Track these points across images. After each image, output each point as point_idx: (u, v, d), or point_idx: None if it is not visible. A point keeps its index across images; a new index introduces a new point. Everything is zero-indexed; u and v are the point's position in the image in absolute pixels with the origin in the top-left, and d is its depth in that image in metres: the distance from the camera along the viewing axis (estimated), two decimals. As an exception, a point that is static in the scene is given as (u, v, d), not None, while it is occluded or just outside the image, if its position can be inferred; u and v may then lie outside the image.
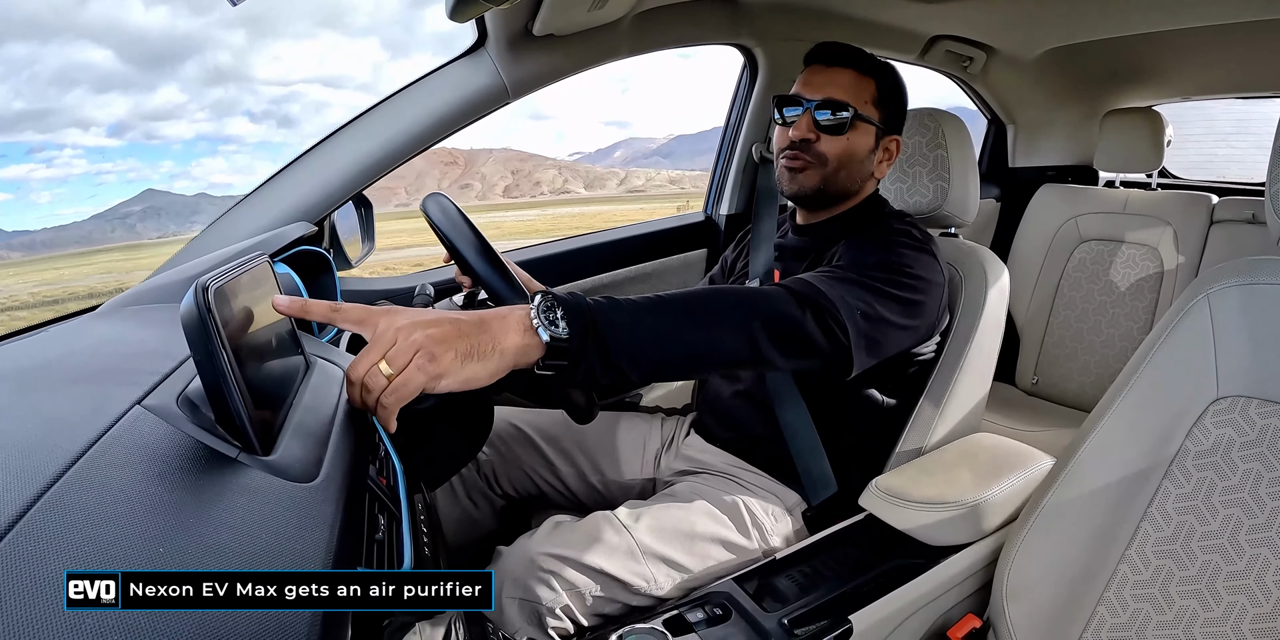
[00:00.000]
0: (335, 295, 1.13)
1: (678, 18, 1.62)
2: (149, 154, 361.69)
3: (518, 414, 1.44)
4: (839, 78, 1.19)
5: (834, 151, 1.18)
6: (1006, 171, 2.70)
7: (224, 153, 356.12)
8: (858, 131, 1.18)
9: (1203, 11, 1.75)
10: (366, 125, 1.37)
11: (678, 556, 1.10)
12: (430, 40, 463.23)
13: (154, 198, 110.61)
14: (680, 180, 61.74)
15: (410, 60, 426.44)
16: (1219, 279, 0.87)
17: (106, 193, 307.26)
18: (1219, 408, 0.84)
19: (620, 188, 55.83)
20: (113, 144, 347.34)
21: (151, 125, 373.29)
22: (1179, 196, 2.26)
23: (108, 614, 0.33)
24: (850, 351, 0.96)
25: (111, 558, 0.37)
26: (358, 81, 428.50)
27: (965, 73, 2.32)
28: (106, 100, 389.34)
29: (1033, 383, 2.48)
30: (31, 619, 0.31)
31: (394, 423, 0.66)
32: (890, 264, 1.07)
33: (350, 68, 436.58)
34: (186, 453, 0.49)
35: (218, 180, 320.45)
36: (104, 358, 0.70)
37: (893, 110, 1.22)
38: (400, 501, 0.75)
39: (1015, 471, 1.10)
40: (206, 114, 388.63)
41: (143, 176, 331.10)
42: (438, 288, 1.49)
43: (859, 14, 1.86)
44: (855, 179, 1.22)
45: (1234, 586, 0.80)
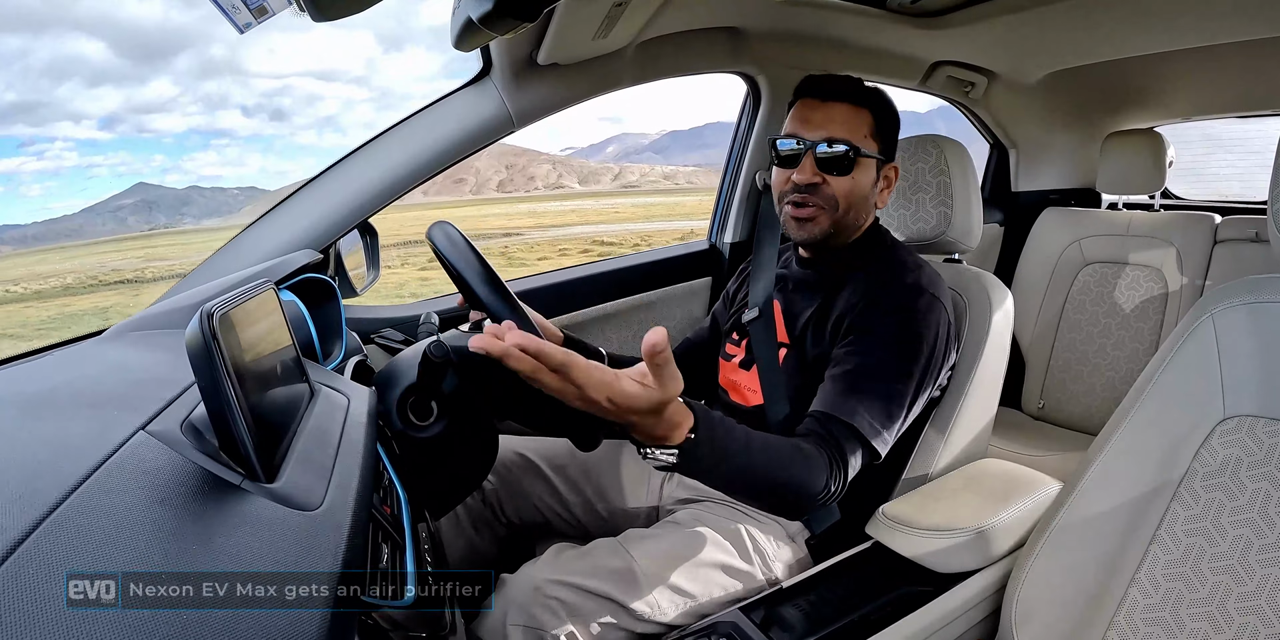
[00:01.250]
0: (341, 323, 1.14)
1: (680, 47, 1.64)
2: (140, 147, 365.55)
3: (522, 442, 1.43)
4: (835, 113, 1.17)
5: (842, 192, 1.17)
6: (1009, 195, 2.71)
7: (215, 146, 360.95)
8: (861, 168, 1.18)
9: (1201, 32, 1.77)
10: (372, 154, 1.38)
11: (682, 583, 1.09)
12: (424, 34, 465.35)
13: (145, 191, 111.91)
14: (674, 176, 62.00)
15: (403, 53, 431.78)
16: (1223, 299, 0.87)
17: (97, 186, 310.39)
18: (1226, 427, 0.84)
19: (615, 183, 55.99)
20: (104, 137, 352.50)
21: (143, 118, 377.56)
22: (1182, 217, 2.26)
23: (110, 628, 0.33)
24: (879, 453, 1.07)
25: (112, 584, 0.37)
26: (351, 75, 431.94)
27: (967, 98, 2.33)
28: (99, 93, 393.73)
29: (1039, 407, 2.47)
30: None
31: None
32: (907, 338, 1.11)
33: (343, 61, 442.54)
34: (190, 479, 0.49)
35: (208, 173, 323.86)
36: (108, 383, 0.70)
37: (889, 139, 1.22)
38: (404, 530, 0.75)
39: (1023, 497, 1.09)
40: (198, 107, 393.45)
41: (134, 170, 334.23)
42: (443, 316, 1.49)
43: (861, 41, 1.87)
44: (862, 215, 1.23)
45: (1245, 608, 0.79)
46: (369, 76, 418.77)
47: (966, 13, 1.77)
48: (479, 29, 1.02)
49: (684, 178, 61.55)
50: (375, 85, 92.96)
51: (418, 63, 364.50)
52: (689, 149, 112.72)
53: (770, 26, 1.72)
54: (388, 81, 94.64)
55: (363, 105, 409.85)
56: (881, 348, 1.11)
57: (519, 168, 48.00)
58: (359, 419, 0.76)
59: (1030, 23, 1.80)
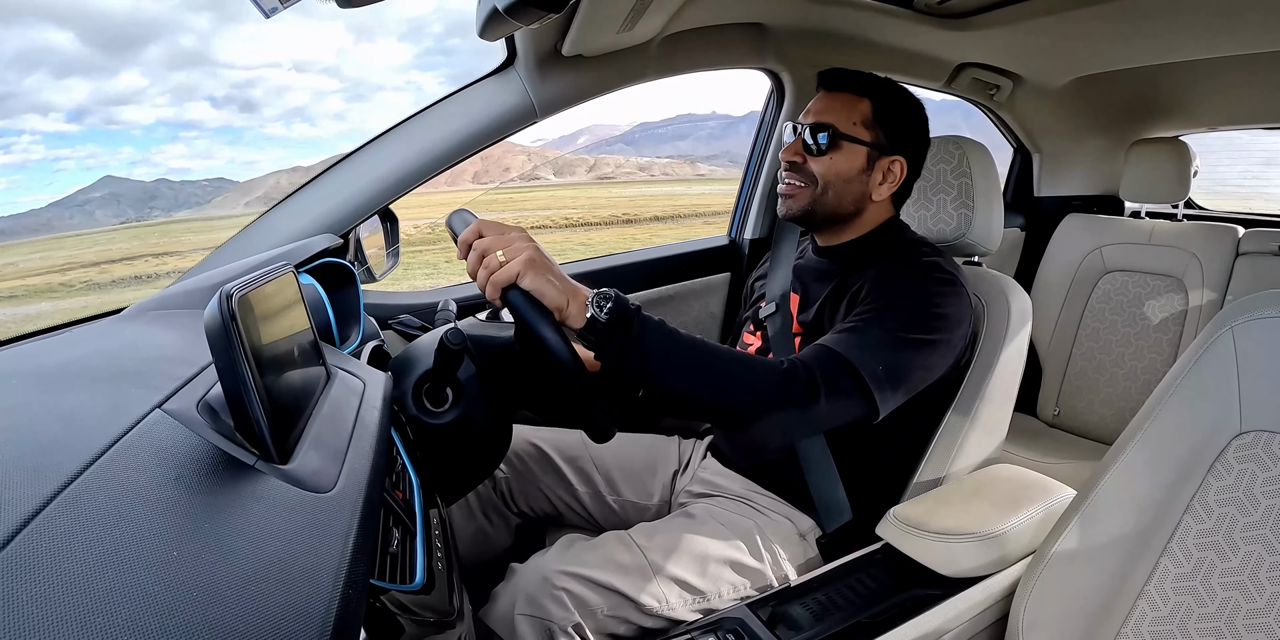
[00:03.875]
0: (359, 308, 1.14)
1: (705, 42, 1.63)
2: (108, 140, 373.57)
3: (536, 433, 1.44)
4: (834, 102, 1.22)
5: (819, 171, 1.21)
6: (1031, 200, 2.69)
7: (184, 138, 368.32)
8: (842, 151, 1.20)
9: (1231, 41, 1.74)
10: (394, 140, 1.39)
11: (690, 578, 1.09)
12: (398, 24, 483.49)
13: (113, 184, 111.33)
14: (650, 167, 61.49)
15: (375, 44, 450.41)
16: (1244, 312, 0.86)
17: (65, 179, 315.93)
18: (1242, 442, 0.83)
19: (590, 174, 55.46)
20: (71, 130, 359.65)
21: (111, 110, 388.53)
22: (1205, 228, 2.24)
23: (116, 616, 0.33)
24: (877, 405, 1.03)
25: (124, 559, 0.37)
26: (322, 65, 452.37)
27: (992, 101, 2.31)
28: (67, 85, 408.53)
29: (1054, 414, 2.45)
30: (45, 615, 0.31)
31: (497, 300, 0.91)
32: (918, 305, 1.09)
33: (315, 52, 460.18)
34: (204, 458, 0.49)
35: (176, 165, 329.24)
36: (126, 360, 0.71)
37: (894, 130, 1.22)
38: (415, 515, 0.75)
39: (1035, 503, 1.09)
40: (167, 98, 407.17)
41: (101, 163, 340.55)
42: (461, 304, 1.50)
43: (886, 41, 1.86)
44: (845, 200, 1.23)
45: (1254, 625, 0.79)
46: (340, 67, 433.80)
47: (994, 15, 1.75)
48: (505, 19, 1.02)
49: (659, 169, 61.50)
50: (347, 76, 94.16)
51: (390, 53, 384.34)
52: (660, 141, 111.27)
53: (796, 23, 1.71)
54: (359, 72, 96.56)
55: (333, 96, 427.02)
56: (896, 307, 1.10)
57: (494, 159, 47.67)
58: (374, 403, 0.76)
59: (1058, 27, 1.78)
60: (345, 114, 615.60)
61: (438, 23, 32.61)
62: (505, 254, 0.90)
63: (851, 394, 1.01)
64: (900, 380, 1.05)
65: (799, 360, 1.02)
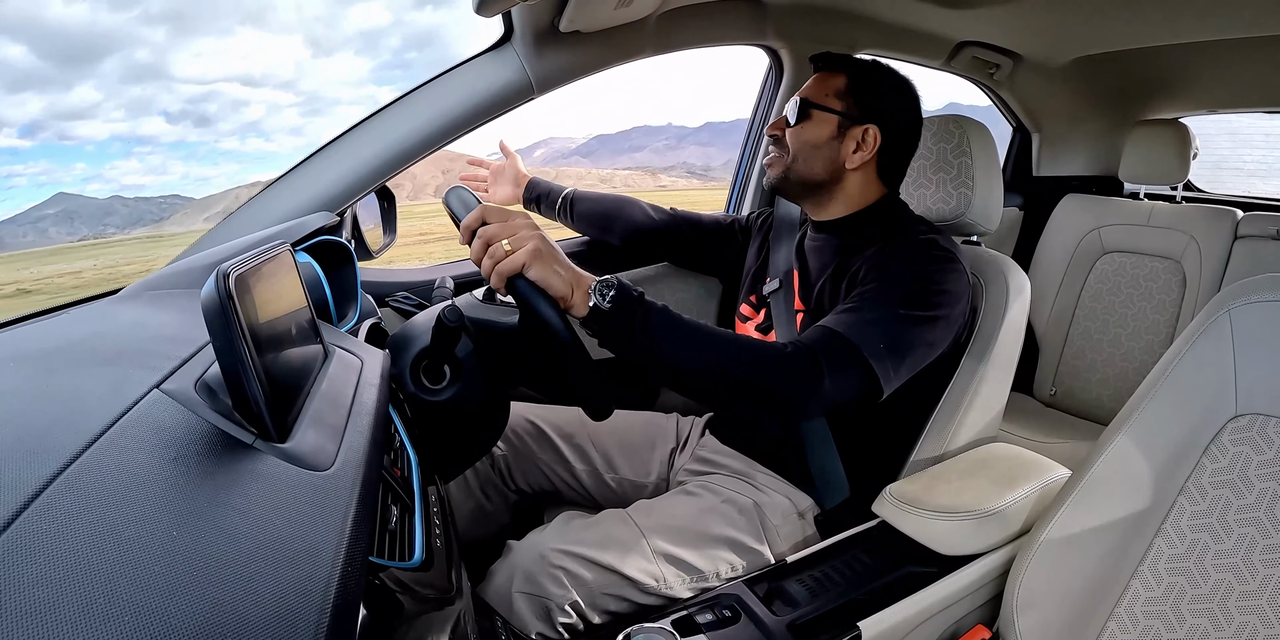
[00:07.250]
0: (356, 286, 1.14)
1: (703, 18, 1.62)
2: (62, 155, 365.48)
3: (534, 410, 1.44)
4: (815, 79, 1.28)
5: (791, 140, 1.24)
6: (1030, 180, 2.68)
7: (138, 154, 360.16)
8: (813, 120, 1.23)
9: (1233, 23, 1.73)
10: (390, 117, 1.37)
11: (688, 556, 1.10)
12: (354, 38, 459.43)
13: (66, 201, 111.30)
14: (610, 179, 61.20)
15: (332, 58, 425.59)
16: (1241, 295, 0.86)
17: (17, 196, 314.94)
18: (1237, 425, 0.83)
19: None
20: (24, 145, 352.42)
21: (65, 125, 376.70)
22: (1203, 211, 2.23)
23: (118, 596, 0.33)
24: (880, 382, 1.02)
25: (124, 539, 0.37)
26: (279, 79, 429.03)
27: (991, 80, 2.30)
28: (20, 99, 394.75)
29: (1051, 394, 2.46)
30: (47, 597, 0.32)
31: (501, 287, 0.92)
32: (918, 281, 1.09)
33: (271, 66, 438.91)
34: (203, 437, 0.49)
35: (130, 182, 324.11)
36: (124, 341, 0.71)
37: (865, 100, 1.22)
38: (414, 493, 0.75)
39: (1030, 482, 1.09)
40: (122, 113, 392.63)
41: (55, 179, 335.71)
42: (458, 281, 1.49)
43: (885, 17, 1.85)
44: (816, 167, 1.24)
45: (1246, 606, 0.79)
46: (297, 81, 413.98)
47: (996, -8, 1.74)
48: (503, -6, 1.01)
49: (621, 181, 61.12)
50: (302, 89, 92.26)
51: (347, 67, 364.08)
52: (617, 152, 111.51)
53: (795, 0, 1.70)
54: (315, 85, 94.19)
55: (289, 110, 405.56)
56: (895, 284, 1.10)
57: (455, 172, 47.43)
58: (372, 381, 0.76)
59: (1059, 6, 1.77)
60: (302, 128, 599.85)
61: (394, 36, 32.41)
62: (511, 243, 0.90)
63: (854, 372, 1.01)
64: (903, 356, 1.05)
65: (801, 342, 1.02)
